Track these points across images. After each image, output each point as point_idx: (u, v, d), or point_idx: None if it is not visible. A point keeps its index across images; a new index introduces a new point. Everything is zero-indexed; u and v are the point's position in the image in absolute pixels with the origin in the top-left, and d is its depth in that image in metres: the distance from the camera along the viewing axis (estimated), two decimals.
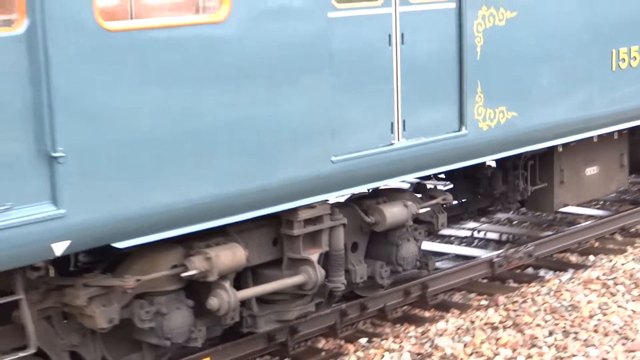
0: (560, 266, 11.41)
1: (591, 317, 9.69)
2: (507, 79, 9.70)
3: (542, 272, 11.29)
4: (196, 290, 8.04)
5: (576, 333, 9.31)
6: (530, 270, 11.37)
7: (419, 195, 9.65)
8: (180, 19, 7.32)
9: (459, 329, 9.52)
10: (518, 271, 11.24)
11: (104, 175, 6.86)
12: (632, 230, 12.65)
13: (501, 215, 13.05)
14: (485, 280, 10.93)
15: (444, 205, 9.88)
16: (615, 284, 10.53)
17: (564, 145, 11.03)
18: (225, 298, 7.85)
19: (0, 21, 6.59)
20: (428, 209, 9.53)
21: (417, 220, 9.52)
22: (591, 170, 11.75)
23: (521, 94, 9.88)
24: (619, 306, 9.94)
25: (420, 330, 9.59)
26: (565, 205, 11.61)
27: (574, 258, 11.79)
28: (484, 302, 10.32)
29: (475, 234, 12.47)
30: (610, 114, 11.08)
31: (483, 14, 9.41)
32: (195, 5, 7.87)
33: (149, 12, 7.67)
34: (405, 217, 9.16)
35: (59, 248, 6.74)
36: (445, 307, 10.21)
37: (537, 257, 11.36)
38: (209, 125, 7.39)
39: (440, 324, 9.64)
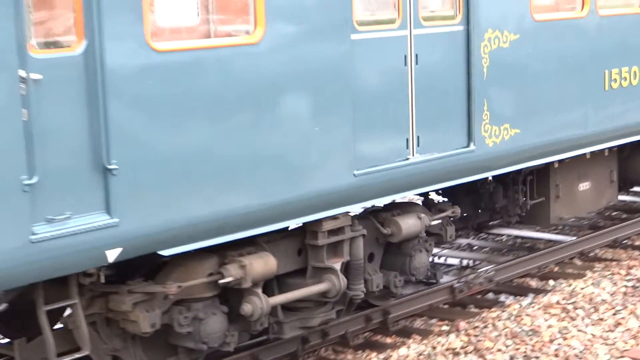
0: (520, 291, 11.41)
1: (551, 341, 9.80)
2: (510, 97, 10.24)
3: (502, 297, 11.26)
4: (227, 297, 8.46)
5: (537, 358, 9.44)
6: (491, 295, 11.35)
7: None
8: (220, 40, 7.80)
9: (420, 354, 9.57)
10: (479, 296, 11.22)
11: (152, 187, 7.30)
12: (591, 254, 12.75)
13: (461, 241, 13.19)
14: (446, 306, 10.93)
15: (452, 218, 10.37)
16: (575, 308, 10.62)
17: (560, 161, 11.57)
18: (258, 304, 8.29)
19: (62, 42, 7.00)
20: (439, 221, 10.03)
21: (427, 232, 10.00)
22: (584, 186, 12.30)
23: (523, 112, 10.42)
24: (579, 330, 10.08)
25: (382, 356, 9.59)
26: (561, 219, 12.15)
27: (534, 283, 11.76)
28: (445, 328, 10.33)
29: (436, 260, 12.50)
30: (602, 132, 11.64)
31: (489, 37, 9.94)
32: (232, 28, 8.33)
33: (192, 34, 8.11)
34: (419, 229, 9.65)
35: (112, 255, 7.16)
36: (406, 333, 10.19)
37: (497, 282, 11.37)
38: (246, 140, 7.85)
39: (402, 350, 9.67)
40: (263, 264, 8.30)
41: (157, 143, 7.30)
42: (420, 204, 10.29)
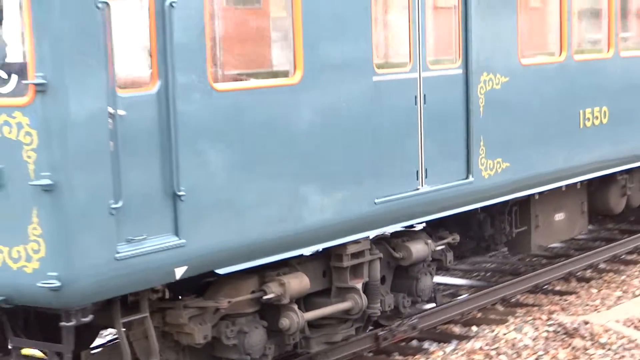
0: (444, 338, 11.47)
1: None
2: (502, 133, 11.28)
3: (426, 344, 11.33)
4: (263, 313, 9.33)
5: None
6: (415, 342, 11.40)
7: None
8: (266, 81, 8.74)
9: None
10: (403, 344, 11.25)
11: (212, 211, 8.17)
12: (513, 300, 12.90)
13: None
14: (370, 354, 10.98)
15: (450, 245, 11.36)
16: (498, 354, 10.73)
17: (539, 193, 12.63)
18: (294, 319, 9.18)
19: (141, 82, 7.88)
20: (442, 246, 11.02)
21: None
22: (559, 216, 13.37)
23: (512, 147, 11.47)
24: None
25: None
26: (540, 246, 13.21)
27: (457, 329, 11.83)
28: None
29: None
30: (577, 167, 12.74)
31: (484, 79, 11.00)
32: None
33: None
34: (426, 253, 10.63)
35: (179, 272, 8.02)
36: None
37: (421, 330, 11.42)
38: (288, 170, 8.77)
39: None
40: (299, 282, 9.20)
41: (216, 171, 8.19)
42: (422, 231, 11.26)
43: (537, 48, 12.11)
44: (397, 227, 10.23)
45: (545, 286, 13.50)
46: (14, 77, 7.34)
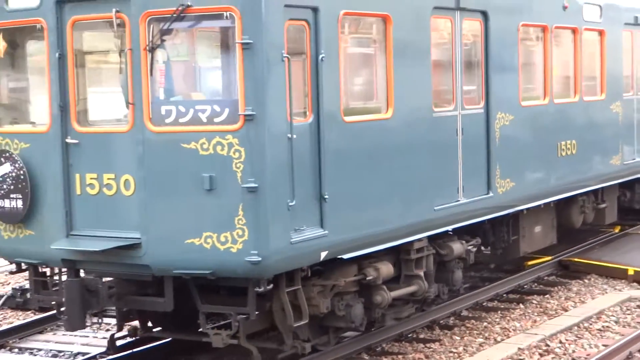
0: None
1: None
2: (510, 159, 14.46)
3: None
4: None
5: None
6: None
7: None
8: (372, 116, 11.74)
9: None
10: None
11: (344, 211, 11.08)
12: (378, 349, 13.24)
13: None
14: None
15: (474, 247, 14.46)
16: None
17: (527, 209, 15.83)
18: (385, 296, 12.11)
19: (300, 114, 10.77)
20: (471, 247, 14.10)
21: None
22: (538, 229, 16.61)
23: (516, 170, 14.66)
24: None
25: None
26: (525, 252, 16.39)
27: None
28: None
29: None
30: (554, 187, 16.01)
31: (499, 116, 14.18)
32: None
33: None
34: (461, 252, 13.68)
35: (322, 255, 10.89)
36: None
37: None
38: (387, 180, 11.75)
39: None
40: (386, 269, 12.14)
41: (347, 180, 11.12)
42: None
43: (530, 93, 15.35)
44: (449, 228, 13.27)
45: (410, 334, 13.83)
46: (226, 110, 10.15)
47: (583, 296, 16.18)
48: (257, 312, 10.93)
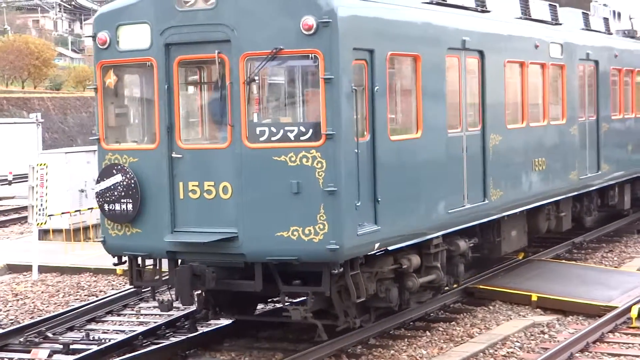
0: None
1: None
2: (500, 172, 17.44)
3: None
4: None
5: None
6: None
7: None
8: (407, 135, 14.61)
9: None
10: None
11: (392, 210, 13.90)
12: None
13: None
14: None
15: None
16: None
17: (508, 215, 18.79)
18: (415, 282, 14.93)
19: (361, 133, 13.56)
20: (471, 244, 16.99)
21: None
22: (514, 233, 19.61)
23: (504, 181, 17.65)
24: None
25: None
26: (505, 252, 19.34)
27: None
28: None
29: None
30: (528, 197, 19.04)
31: (491, 137, 17.16)
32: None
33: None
34: (465, 249, 16.57)
35: (376, 246, 13.69)
36: None
37: None
38: (417, 187, 14.61)
39: None
40: (415, 260, 14.98)
41: (392, 186, 13.94)
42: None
43: (512, 117, 18.39)
44: (457, 229, 16.16)
45: None
46: (310, 130, 12.91)
47: (488, 323, 16.48)
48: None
